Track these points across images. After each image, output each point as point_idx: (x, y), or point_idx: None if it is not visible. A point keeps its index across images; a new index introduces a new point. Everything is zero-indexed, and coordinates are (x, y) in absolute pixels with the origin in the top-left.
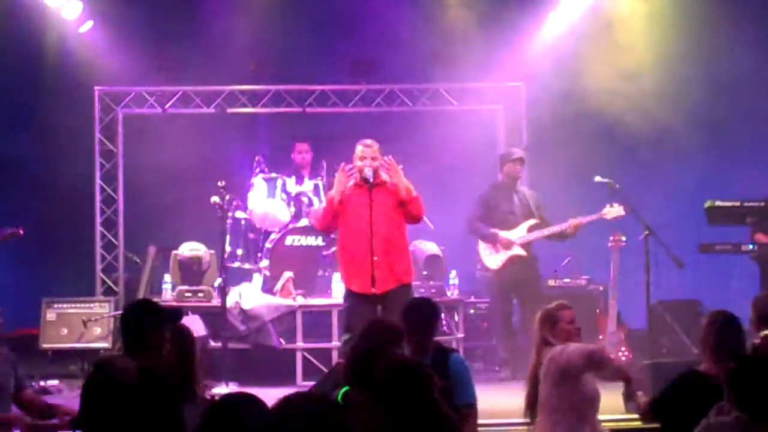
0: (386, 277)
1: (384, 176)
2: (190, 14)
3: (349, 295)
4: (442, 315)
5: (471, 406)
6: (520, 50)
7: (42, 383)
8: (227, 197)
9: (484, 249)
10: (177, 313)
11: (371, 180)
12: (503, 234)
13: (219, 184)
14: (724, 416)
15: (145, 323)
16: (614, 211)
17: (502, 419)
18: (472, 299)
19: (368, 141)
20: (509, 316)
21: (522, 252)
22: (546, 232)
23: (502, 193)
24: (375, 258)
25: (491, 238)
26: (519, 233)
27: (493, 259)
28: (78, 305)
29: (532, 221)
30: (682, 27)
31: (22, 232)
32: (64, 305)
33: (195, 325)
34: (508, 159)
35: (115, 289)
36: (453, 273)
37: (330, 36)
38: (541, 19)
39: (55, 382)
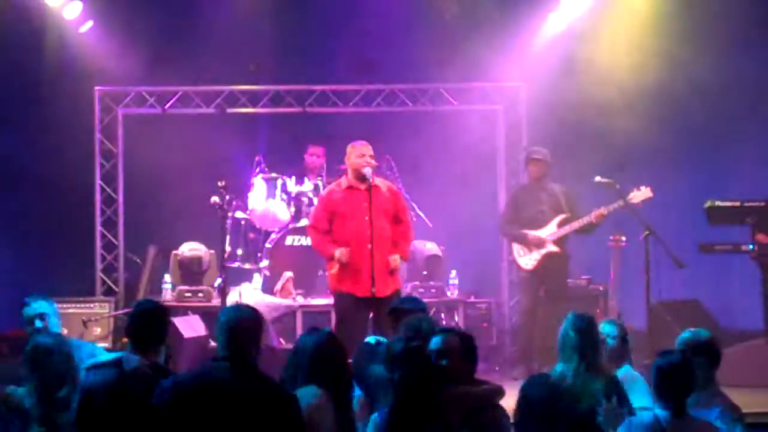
0: (386, 281)
1: (377, 181)
2: (190, 14)
3: (343, 298)
4: (441, 316)
5: None
6: (520, 50)
7: None
8: (227, 197)
9: (517, 251)
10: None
11: (369, 179)
12: (533, 234)
13: (219, 184)
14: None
15: (159, 323)
16: (641, 194)
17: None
18: (472, 299)
19: (364, 142)
20: (533, 313)
21: (555, 248)
22: (575, 225)
23: (530, 192)
24: (374, 260)
25: (522, 240)
26: (550, 230)
27: (526, 259)
28: (78, 305)
29: (561, 216)
30: (683, 27)
31: None
32: (64, 305)
33: (195, 325)
34: (528, 159)
35: (115, 289)
36: (453, 273)
37: (330, 36)
38: (541, 19)
39: None
